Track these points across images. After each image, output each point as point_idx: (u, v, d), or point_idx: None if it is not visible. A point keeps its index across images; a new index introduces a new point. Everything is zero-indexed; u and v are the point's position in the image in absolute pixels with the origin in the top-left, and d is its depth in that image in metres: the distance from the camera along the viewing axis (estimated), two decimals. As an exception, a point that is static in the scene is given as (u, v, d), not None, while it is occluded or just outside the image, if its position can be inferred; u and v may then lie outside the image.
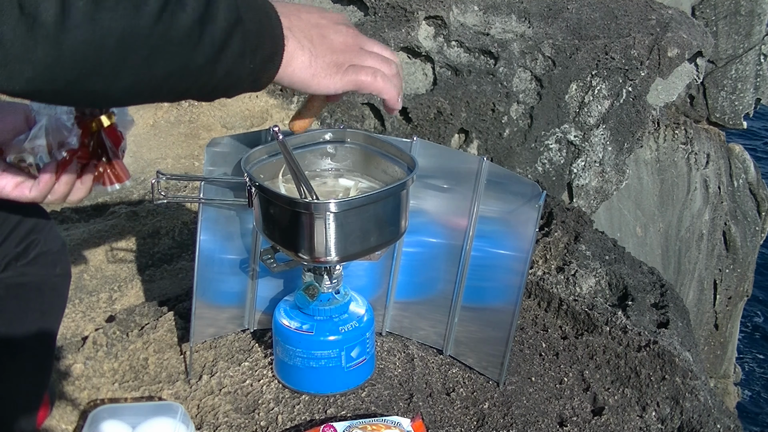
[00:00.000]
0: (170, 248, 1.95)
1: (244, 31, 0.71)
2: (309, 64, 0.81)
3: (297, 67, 0.80)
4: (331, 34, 0.84)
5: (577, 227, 2.12)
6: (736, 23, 4.81)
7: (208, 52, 0.69)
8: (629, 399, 1.52)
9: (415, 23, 3.14)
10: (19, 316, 1.01)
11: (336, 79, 0.84)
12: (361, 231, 1.20)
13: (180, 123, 2.66)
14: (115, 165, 0.94)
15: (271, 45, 0.76)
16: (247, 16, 0.71)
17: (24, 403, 1.05)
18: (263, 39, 0.74)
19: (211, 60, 0.69)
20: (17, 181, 0.90)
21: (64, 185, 0.91)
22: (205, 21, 0.67)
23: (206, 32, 0.68)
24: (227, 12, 0.69)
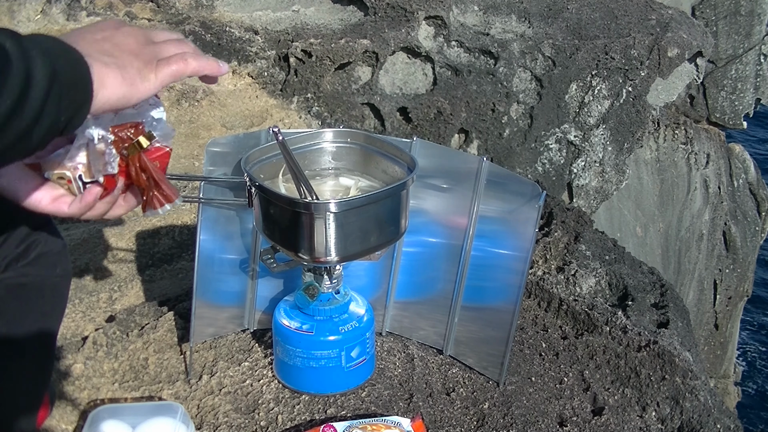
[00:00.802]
0: (170, 248, 1.95)
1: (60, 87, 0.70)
2: (122, 78, 0.79)
3: (110, 86, 0.78)
4: (122, 39, 0.82)
5: (577, 227, 2.12)
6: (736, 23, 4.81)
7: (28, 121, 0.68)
8: (629, 399, 1.52)
9: (415, 23, 3.14)
10: (20, 317, 1.00)
11: (152, 79, 0.83)
12: (361, 231, 1.20)
13: (180, 123, 2.66)
14: (162, 186, 0.93)
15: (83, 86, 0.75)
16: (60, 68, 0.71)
17: (24, 403, 1.05)
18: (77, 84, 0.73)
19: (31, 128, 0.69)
20: (55, 196, 0.88)
21: (106, 204, 0.90)
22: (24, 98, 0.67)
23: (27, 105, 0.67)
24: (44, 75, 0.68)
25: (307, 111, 3.07)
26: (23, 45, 0.68)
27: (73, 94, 0.73)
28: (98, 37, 0.81)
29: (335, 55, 3.03)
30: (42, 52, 0.70)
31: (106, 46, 0.80)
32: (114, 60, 0.79)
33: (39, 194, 0.88)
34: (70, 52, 0.74)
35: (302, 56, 3.05)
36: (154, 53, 0.84)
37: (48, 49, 0.71)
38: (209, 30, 3.15)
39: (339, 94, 3.12)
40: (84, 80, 0.75)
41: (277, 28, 3.21)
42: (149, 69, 0.82)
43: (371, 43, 3.05)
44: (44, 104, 0.69)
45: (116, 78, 0.78)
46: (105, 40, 0.81)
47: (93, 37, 0.81)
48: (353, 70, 3.13)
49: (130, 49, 0.82)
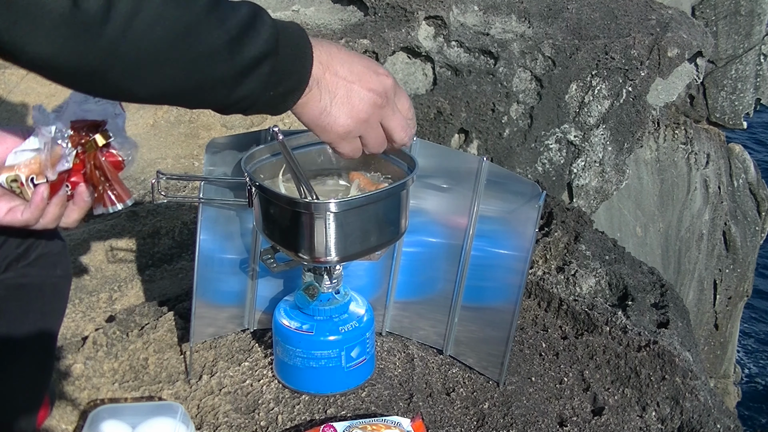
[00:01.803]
0: (170, 248, 1.95)
1: (275, 64, 0.75)
2: (318, 117, 0.85)
3: (306, 114, 0.85)
4: (356, 99, 0.87)
5: (577, 227, 2.12)
6: (736, 23, 4.82)
7: (232, 74, 0.73)
8: (629, 399, 1.52)
9: (415, 23, 3.14)
10: (20, 317, 1.01)
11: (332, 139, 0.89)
12: (361, 231, 1.20)
13: (180, 123, 2.66)
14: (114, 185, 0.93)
15: (295, 83, 0.80)
16: (283, 51, 0.76)
17: (24, 403, 1.05)
18: (290, 76, 0.79)
19: (233, 81, 0.73)
20: (10, 206, 0.90)
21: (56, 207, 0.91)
22: (238, 45, 0.72)
23: (236, 57, 0.72)
24: (263, 43, 0.74)
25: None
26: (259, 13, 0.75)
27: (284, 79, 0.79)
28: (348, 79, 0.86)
29: (335, 55, 3.02)
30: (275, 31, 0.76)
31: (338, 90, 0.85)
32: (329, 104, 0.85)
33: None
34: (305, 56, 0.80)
35: (302, 56, 3.04)
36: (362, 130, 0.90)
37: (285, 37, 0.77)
38: (209, 30, 3.14)
39: (339, 94, 3.11)
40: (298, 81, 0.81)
41: (277, 28, 3.20)
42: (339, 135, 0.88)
43: (371, 43, 3.05)
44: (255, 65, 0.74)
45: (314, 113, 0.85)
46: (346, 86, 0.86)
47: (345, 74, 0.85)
48: (353, 70, 3.13)
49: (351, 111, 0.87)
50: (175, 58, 0.69)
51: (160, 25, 0.67)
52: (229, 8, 0.72)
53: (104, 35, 0.65)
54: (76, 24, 0.63)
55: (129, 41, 0.66)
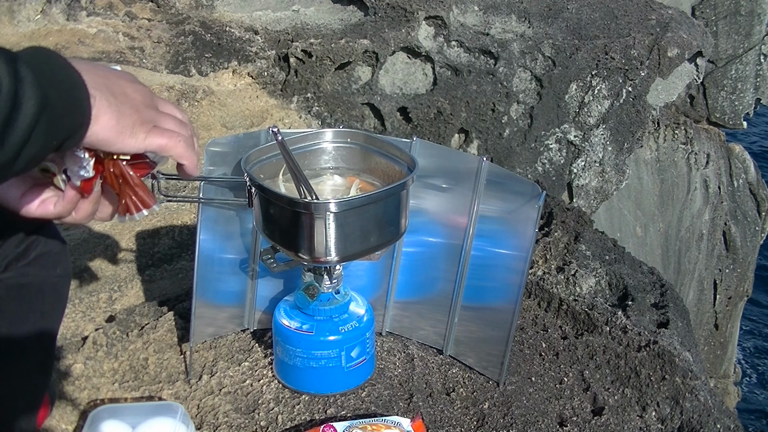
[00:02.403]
0: (170, 248, 1.95)
1: (50, 117, 0.70)
2: (115, 123, 0.79)
3: (101, 126, 0.77)
4: (131, 92, 0.83)
5: (577, 227, 2.12)
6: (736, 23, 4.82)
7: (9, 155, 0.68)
8: (629, 399, 1.52)
9: (415, 23, 3.14)
10: (20, 317, 1.00)
11: (140, 138, 0.83)
12: (361, 231, 1.20)
13: (180, 123, 2.66)
14: (138, 191, 0.93)
15: (78, 117, 0.74)
16: (53, 97, 0.70)
17: (24, 403, 1.05)
18: (70, 116, 0.73)
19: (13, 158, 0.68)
20: (42, 198, 0.89)
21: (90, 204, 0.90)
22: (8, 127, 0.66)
23: (9, 139, 0.67)
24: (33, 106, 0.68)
25: (307, 111, 3.07)
26: (17, 70, 0.67)
27: (66, 122, 0.73)
28: (110, 78, 0.81)
29: (335, 55, 3.03)
30: (37, 77, 0.68)
31: (114, 89, 0.80)
32: (117, 104, 0.79)
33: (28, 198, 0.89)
34: (71, 78, 0.74)
35: (302, 56, 3.05)
36: (153, 118, 0.85)
37: (45, 74, 0.70)
38: (209, 30, 3.15)
39: (339, 94, 3.12)
40: (81, 109, 0.74)
41: (277, 28, 3.21)
42: (142, 129, 0.82)
43: (371, 43, 3.05)
44: (30, 133, 0.68)
45: (111, 120, 0.78)
46: (115, 84, 0.81)
47: (105, 75, 0.81)
48: (353, 70, 3.14)
49: (134, 103, 0.82)
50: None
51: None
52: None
53: None
54: None
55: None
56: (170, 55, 3.06)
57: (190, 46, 3.09)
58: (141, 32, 3.12)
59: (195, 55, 3.07)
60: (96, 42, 2.99)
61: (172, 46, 3.08)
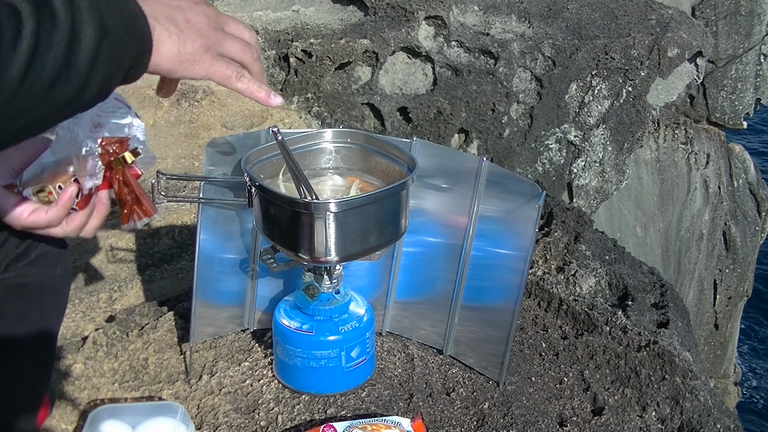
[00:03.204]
0: (170, 248, 1.95)
1: (111, 44, 0.70)
2: (177, 52, 0.78)
3: (165, 55, 0.77)
4: (194, 16, 0.81)
5: (577, 227, 2.12)
6: (736, 23, 4.82)
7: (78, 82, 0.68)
8: (629, 399, 1.52)
9: (415, 23, 3.14)
10: (20, 317, 1.01)
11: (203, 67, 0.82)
12: (361, 231, 1.20)
13: (180, 123, 2.66)
14: (142, 200, 0.94)
15: (139, 45, 0.75)
16: (111, 24, 0.70)
17: (24, 403, 1.05)
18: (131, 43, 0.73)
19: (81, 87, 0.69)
20: (33, 208, 0.90)
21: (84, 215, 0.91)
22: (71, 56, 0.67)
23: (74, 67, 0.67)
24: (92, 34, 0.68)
25: (307, 111, 3.07)
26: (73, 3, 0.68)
27: (128, 50, 0.73)
28: (173, 5, 0.80)
29: (335, 55, 3.03)
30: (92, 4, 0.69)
31: (175, 16, 0.79)
32: (178, 31, 0.78)
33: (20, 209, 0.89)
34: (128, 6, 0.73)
35: (302, 56, 3.05)
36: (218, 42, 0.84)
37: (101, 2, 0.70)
38: (209, 30, 3.14)
39: (339, 94, 3.12)
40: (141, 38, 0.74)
41: (277, 28, 3.21)
42: (206, 56, 0.82)
43: (371, 43, 3.05)
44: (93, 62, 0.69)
45: (173, 49, 0.78)
46: (177, 10, 0.80)
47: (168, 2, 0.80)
48: (353, 70, 3.14)
49: (198, 28, 0.81)
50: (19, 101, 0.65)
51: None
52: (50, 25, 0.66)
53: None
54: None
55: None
56: (170, 55, 3.05)
57: (190, 46, 3.08)
58: (141, 32, 3.12)
59: (195, 55, 3.06)
60: (96, 42, 2.99)
61: (172, 46, 3.07)
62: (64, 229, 0.92)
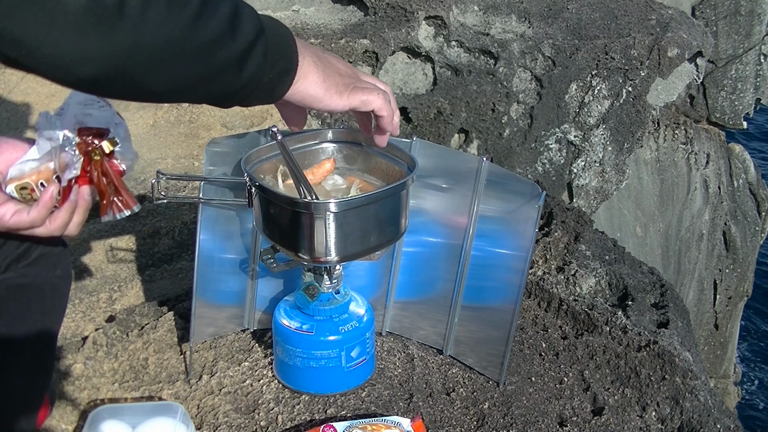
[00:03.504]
0: (170, 248, 1.95)
1: (266, 43, 0.79)
2: (322, 81, 0.90)
3: (311, 83, 0.88)
4: (335, 62, 0.95)
5: (577, 227, 2.12)
6: (736, 23, 4.82)
7: (236, 55, 0.76)
8: (629, 399, 1.52)
9: (415, 23, 3.14)
10: (20, 317, 1.01)
11: (345, 97, 0.94)
12: (361, 231, 1.20)
13: (180, 123, 2.66)
14: (121, 192, 0.95)
15: (287, 60, 0.84)
16: (268, 30, 0.80)
17: (24, 403, 1.05)
18: (281, 53, 0.83)
19: (237, 63, 0.76)
20: (16, 209, 0.90)
21: (66, 213, 0.92)
22: (234, 28, 0.75)
23: (237, 36, 0.75)
24: (252, 23, 0.77)
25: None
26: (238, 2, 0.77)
27: (278, 58, 0.83)
28: (317, 49, 0.93)
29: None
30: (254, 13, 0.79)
31: (320, 56, 0.92)
32: (322, 66, 0.91)
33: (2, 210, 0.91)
34: (283, 30, 0.85)
35: (302, 56, 3.04)
36: (354, 82, 0.97)
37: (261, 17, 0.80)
38: (209, 30, 3.14)
39: (339, 94, 3.11)
40: (289, 57, 0.85)
41: (277, 28, 3.20)
42: (345, 88, 0.95)
43: (371, 43, 3.05)
44: (251, 46, 0.77)
45: (318, 78, 0.90)
46: (321, 53, 0.93)
47: (313, 48, 0.92)
48: (353, 70, 3.13)
49: (337, 70, 0.95)
50: (185, 50, 0.71)
51: (169, 17, 0.69)
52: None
53: (123, 29, 0.65)
54: (95, 18, 0.63)
55: (144, 35, 0.67)
56: (170, 55, 3.05)
57: (190, 46, 3.08)
58: (141, 32, 3.12)
59: (195, 55, 3.06)
60: (96, 42, 2.99)
61: (172, 46, 3.07)
62: (47, 228, 0.92)
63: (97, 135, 0.91)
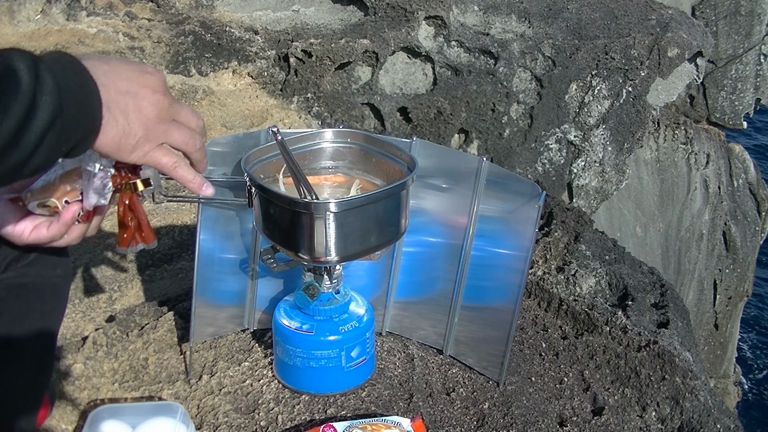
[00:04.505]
0: (170, 248, 1.95)
1: (63, 123, 0.73)
2: (119, 140, 0.82)
3: (107, 140, 0.81)
4: (146, 106, 0.85)
5: (577, 227, 2.12)
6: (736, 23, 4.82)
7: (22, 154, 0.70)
8: (629, 399, 1.52)
9: (415, 23, 3.14)
10: (20, 317, 1.00)
11: (139, 155, 0.86)
12: (361, 231, 1.20)
13: (180, 123, 2.66)
14: (143, 227, 0.96)
15: (88, 126, 0.78)
16: (68, 103, 0.73)
17: (24, 403, 1.05)
18: (81, 125, 0.76)
19: (24, 161, 0.71)
20: (34, 224, 0.92)
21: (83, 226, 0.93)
22: (24, 127, 0.69)
23: (24, 139, 0.70)
24: (49, 110, 0.71)
25: (307, 111, 3.07)
26: (38, 74, 0.71)
27: (77, 131, 0.76)
28: (131, 91, 0.84)
29: (335, 55, 3.03)
30: (56, 84, 0.72)
31: (128, 105, 0.83)
32: (125, 122, 0.82)
33: (22, 226, 0.92)
34: (88, 88, 0.77)
35: (302, 56, 3.05)
36: (162, 135, 0.88)
37: (63, 82, 0.73)
38: (209, 30, 3.15)
39: (339, 94, 3.12)
40: (92, 119, 0.78)
41: (277, 28, 3.21)
42: (146, 146, 0.86)
43: (371, 43, 3.05)
44: (43, 137, 0.71)
45: (115, 137, 0.82)
46: (132, 97, 0.84)
47: (124, 88, 0.83)
48: (353, 70, 3.14)
49: (145, 121, 0.85)
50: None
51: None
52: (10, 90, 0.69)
53: None
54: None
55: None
56: (170, 55, 3.06)
57: (190, 46, 3.09)
58: (141, 32, 3.12)
59: (195, 55, 3.07)
60: (96, 42, 2.99)
61: (172, 46, 3.08)
62: (65, 240, 0.94)
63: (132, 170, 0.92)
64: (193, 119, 0.93)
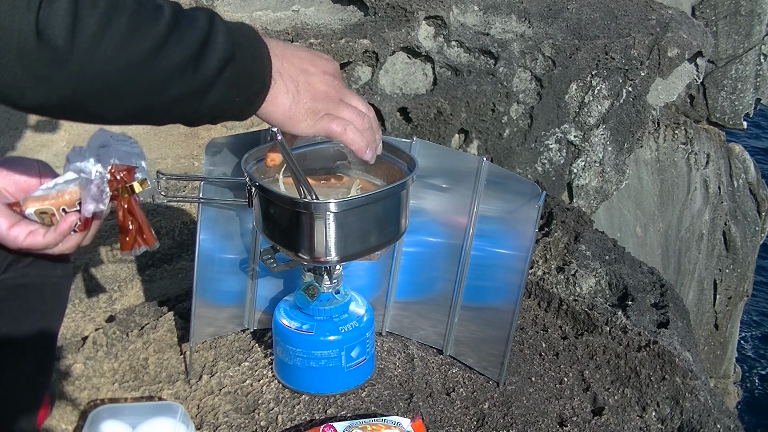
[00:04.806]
0: (170, 248, 1.95)
1: (235, 69, 0.77)
2: (288, 108, 0.87)
3: (277, 108, 0.86)
4: (317, 82, 0.90)
5: (577, 227, 2.12)
6: (736, 23, 4.81)
7: (199, 85, 0.75)
8: (629, 399, 1.52)
9: (415, 23, 3.14)
10: (20, 317, 1.01)
11: (309, 125, 0.91)
12: (361, 231, 1.20)
13: (180, 123, 2.66)
14: (143, 230, 0.96)
15: (258, 85, 0.82)
16: (240, 55, 0.78)
17: (24, 403, 1.05)
18: (252, 78, 0.81)
19: (197, 94, 0.75)
20: (29, 230, 0.92)
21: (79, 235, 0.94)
22: (200, 57, 0.73)
23: (200, 68, 0.74)
24: (222, 50, 0.75)
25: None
26: (213, 21, 0.76)
27: (247, 85, 0.81)
28: (302, 68, 0.89)
29: (335, 55, 3.03)
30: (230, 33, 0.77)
31: (299, 77, 0.88)
32: (295, 91, 0.87)
33: (16, 231, 0.92)
34: (260, 51, 0.82)
35: (302, 56, 3.04)
36: (329, 107, 0.93)
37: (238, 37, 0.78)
38: (209, 30, 3.14)
39: (339, 94, 3.11)
40: (261, 82, 0.83)
41: (277, 28, 3.21)
42: (314, 116, 0.91)
43: (371, 43, 3.05)
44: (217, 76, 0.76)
45: (284, 105, 0.87)
46: (304, 73, 0.89)
47: (299, 64, 0.89)
48: (353, 70, 3.13)
49: (315, 94, 0.90)
50: (141, 79, 0.70)
51: (126, 48, 0.68)
52: (187, 22, 0.73)
53: (70, 64, 0.65)
54: (40, 56, 0.63)
55: (96, 67, 0.66)
56: (170, 55, 3.05)
57: (190, 46, 3.08)
58: (141, 32, 3.12)
59: (195, 55, 3.06)
60: (96, 42, 2.99)
61: (172, 46, 3.07)
62: (60, 249, 0.95)
63: (128, 173, 0.92)
64: (362, 105, 0.99)
